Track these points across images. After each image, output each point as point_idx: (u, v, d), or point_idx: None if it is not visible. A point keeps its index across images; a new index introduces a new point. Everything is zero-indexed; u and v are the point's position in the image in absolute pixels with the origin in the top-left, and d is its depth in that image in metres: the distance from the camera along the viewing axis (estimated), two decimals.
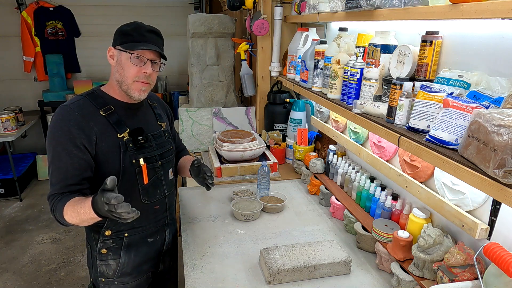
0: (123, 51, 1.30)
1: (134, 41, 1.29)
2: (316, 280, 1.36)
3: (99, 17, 4.90)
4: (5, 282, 2.81)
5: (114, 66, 1.34)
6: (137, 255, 1.46)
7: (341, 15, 1.62)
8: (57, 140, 1.26)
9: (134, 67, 1.30)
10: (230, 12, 3.39)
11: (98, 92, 1.38)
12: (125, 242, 1.43)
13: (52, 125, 1.28)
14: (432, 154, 1.03)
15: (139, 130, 1.38)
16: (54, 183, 1.28)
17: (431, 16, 1.07)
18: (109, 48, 1.35)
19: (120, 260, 1.43)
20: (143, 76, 1.32)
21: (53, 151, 1.27)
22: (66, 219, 1.23)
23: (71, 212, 1.21)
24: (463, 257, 1.10)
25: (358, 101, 1.44)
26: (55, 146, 1.27)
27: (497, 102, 0.95)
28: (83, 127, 1.27)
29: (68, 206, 1.22)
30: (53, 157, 1.27)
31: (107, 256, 1.42)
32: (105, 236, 1.39)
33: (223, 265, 1.44)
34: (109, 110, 1.33)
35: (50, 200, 1.28)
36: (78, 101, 1.32)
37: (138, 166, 1.36)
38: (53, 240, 3.35)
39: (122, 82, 1.33)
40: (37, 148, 4.97)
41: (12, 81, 4.87)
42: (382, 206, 1.56)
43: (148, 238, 1.49)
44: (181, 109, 2.73)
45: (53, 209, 1.26)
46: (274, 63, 2.54)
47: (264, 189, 1.95)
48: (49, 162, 1.29)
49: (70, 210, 1.21)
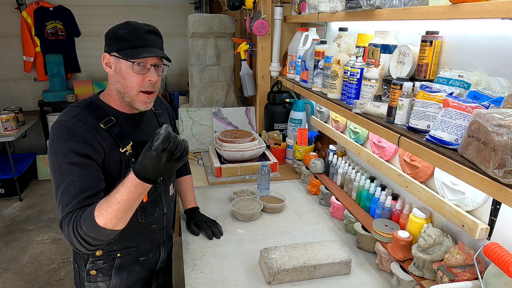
0: (122, 59, 1.15)
1: (133, 47, 1.15)
2: (316, 280, 1.36)
3: (99, 17, 4.90)
4: (5, 282, 2.81)
5: (113, 75, 1.20)
6: (129, 275, 1.36)
7: (341, 15, 1.61)
8: (65, 157, 1.10)
9: (137, 76, 1.16)
10: (230, 12, 3.39)
11: (97, 102, 1.24)
12: (117, 263, 1.31)
13: (55, 142, 1.12)
14: (432, 154, 1.03)
15: (143, 144, 1.17)
16: (69, 201, 1.09)
17: (431, 16, 1.07)
18: (103, 55, 1.19)
19: (112, 282, 1.32)
20: (148, 84, 1.19)
21: (60, 168, 1.11)
22: (101, 223, 1.05)
23: (106, 208, 1.05)
24: (463, 257, 1.10)
25: (358, 101, 1.44)
26: (62, 163, 1.10)
27: (497, 102, 0.95)
28: (90, 142, 1.14)
29: (99, 207, 1.06)
30: (62, 174, 1.10)
31: (97, 277, 1.30)
32: (95, 256, 1.27)
33: (223, 265, 1.44)
34: (110, 122, 1.20)
35: (68, 219, 1.07)
36: (78, 115, 1.17)
37: None
38: (53, 240, 3.35)
39: (124, 93, 1.20)
40: (37, 148, 4.97)
41: (12, 81, 4.87)
42: (382, 206, 1.56)
43: (141, 257, 1.38)
44: (181, 109, 2.73)
45: (76, 226, 1.06)
46: (274, 63, 2.54)
47: (264, 189, 1.95)
48: (58, 182, 1.11)
49: (105, 206, 1.05)
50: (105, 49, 1.20)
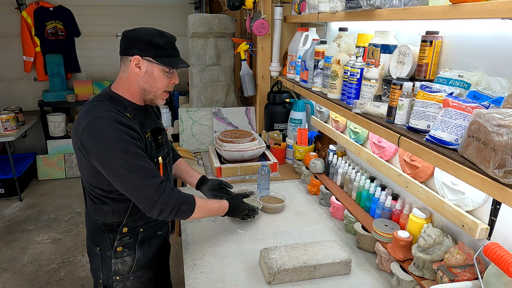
0: (158, 64, 1.31)
1: (170, 56, 1.33)
2: (316, 280, 1.36)
3: (99, 17, 4.90)
4: (5, 282, 2.81)
5: (140, 76, 1.32)
6: (150, 248, 1.50)
7: (341, 15, 1.62)
8: (128, 143, 1.24)
9: (167, 80, 1.36)
10: (230, 12, 3.39)
11: (115, 96, 1.35)
12: (140, 237, 1.46)
13: (110, 135, 1.23)
14: (432, 154, 1.03)
15: (158, 130, 1.44)
16: (154, 175, 1.29)
17: (431, 16, 1.07)
18: (135, 57, 1.29)
19: (136, 255, 1.46)
20: (171, 86, 1.40)
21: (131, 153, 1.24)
22: (195, 214, 1.38)
23: (204, 208, 1.43)
24: (463, 257, 1.10)
25: (358, 101, 1.44)
26: (128, 148, 1.24)
27: (497, 102, 0.95)
28: (133, 127, 1.29)
29: (199, 202, 1.41)
30: (134, 157, 1.24)
31: (123, 253, 1.44)
32: (123, 233, 1.42)
33: (223, 265, 1.44)
34: (132, 112, 1.34)
35: (168, 188, 1.31)
36: (109, 108, 1.28)
37: (157, 164, 1.42)
38: (53, 240, 3.35)
39: (150, 92, 1.36)
40: (37, 148, 4.97)
41: (12, 81, 4.87)
42: (382, 206, 1.56)
43: (158, 231, 1.54)
44: (181, 109, 2.74)
45: (182, 199, 1.34)
46: (274, 63, 2.54)
47: (264, 189, 1.95)
48: (134, 165, 1.24)
49: (203, 205, 1.43)
50: (134, 52, 1.29)
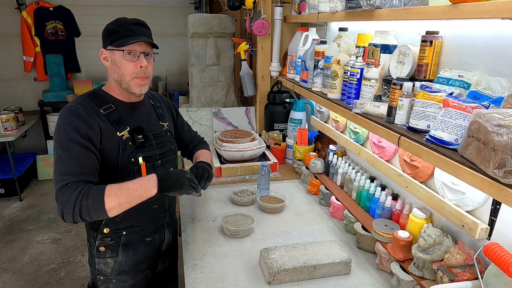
0: (114, 49, 1.31)
1: (122, 37, 1.30)
2: (316, 280, 1.36)
3: (99, 17, 4.89)
4: (5, 282, 2.81)
5: (110, 67, 1.35)
6: (135, 254, 1.47)
7: (341, 15, 1.61)
8: (67, 135, 1.24)
9: (129, 63, 1.31)
10: (230, 12, 3.39)
11: (99, 92, 1.39)
12: (123, 240, 1.43)
13: (60, 123, 1.27)
14: (432, 154, 1.03)
15: (139, 129, 1.39)
16: (69, 173, 1.20)
17: (431, 16, 1.07)
18: (101, 51, 1.35)
19: (118, 258, 1.44)
20: (141, 71, 1.33)
21: (63, 145, 1.24)
22: (107, 201, 1.18)
23: (117, 192, 1.19)
24: (463, 257, 1.10)
25: (358, 101, 1.44)
26: (64, 140, 1.24)
27: (497, 102, 0.95)
28: (91, 124, 1.28)
29: (111, 188, 1.20)
30: (63, 149, 1.23)
31: (105, 254, 1.43)
32: (104, 233, 1.40)
33: (223, 265, 1.44)
34: (109, 109, 1.35)
35: (73, 188, 1.18)
36: (82, 101, 1.33)
37: (137, 165, 1.36)
38: (53, 240, 3.35)
39: (121, 81, 1.34)
40: (37, 148, 4.97)
41: (12, 81, 4.87)
42: (382, 206, 1.56)
43: (146, 237, 1.50)
44: (181, 109, 2.73)
45: (83, 195, 1.17)
46: (274, 63, 2.54)
47: (264, 189, 1.95)
48: (58, 156, 1.23)
49: (116, 190, 1.20)
50: (102, 46, 1.35)
